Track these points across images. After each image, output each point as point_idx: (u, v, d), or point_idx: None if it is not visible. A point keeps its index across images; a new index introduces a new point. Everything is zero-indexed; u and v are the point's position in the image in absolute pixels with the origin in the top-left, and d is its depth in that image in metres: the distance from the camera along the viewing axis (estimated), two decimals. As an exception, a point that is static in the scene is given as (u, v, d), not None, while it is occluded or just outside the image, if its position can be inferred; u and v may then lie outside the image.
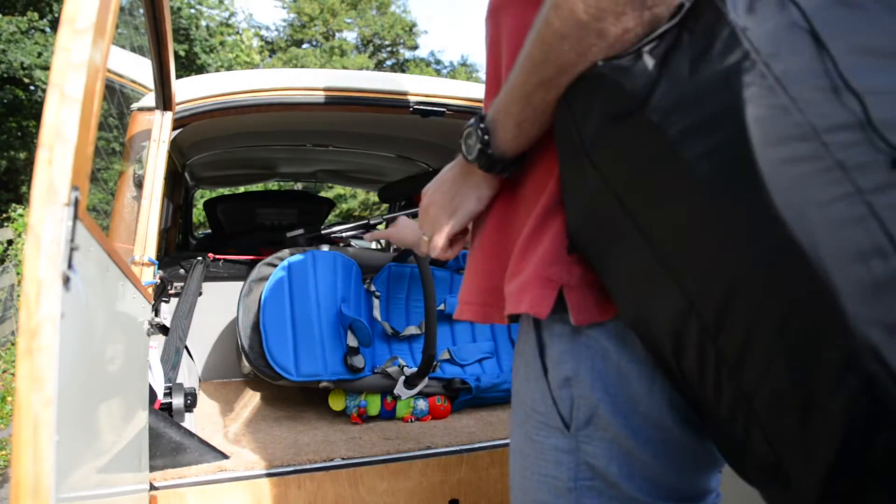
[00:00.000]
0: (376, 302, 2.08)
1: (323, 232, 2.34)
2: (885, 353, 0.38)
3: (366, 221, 2.42)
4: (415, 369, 1.83)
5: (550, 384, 0.66)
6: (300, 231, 2.30)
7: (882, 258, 0.39)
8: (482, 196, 0.72)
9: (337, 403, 1.86)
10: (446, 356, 2.01)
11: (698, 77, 0.47)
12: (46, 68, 10.42)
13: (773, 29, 0.44)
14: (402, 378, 1.81)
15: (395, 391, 1.82)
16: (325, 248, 2.07)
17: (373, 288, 2.09)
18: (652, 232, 0.52)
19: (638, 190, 0.53)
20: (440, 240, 0.76)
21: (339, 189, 13.62)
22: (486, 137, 0.66)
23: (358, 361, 1.81)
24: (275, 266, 1.93)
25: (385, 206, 4.34)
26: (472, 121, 0.68)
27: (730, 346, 0.47)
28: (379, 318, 2.03)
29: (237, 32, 18.12)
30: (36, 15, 10.98)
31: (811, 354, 0.42)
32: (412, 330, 2.07)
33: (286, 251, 2.00)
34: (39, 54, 10.71)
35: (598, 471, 0.64)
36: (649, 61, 0.51)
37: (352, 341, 1.85)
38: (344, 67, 20.77)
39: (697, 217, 0.48)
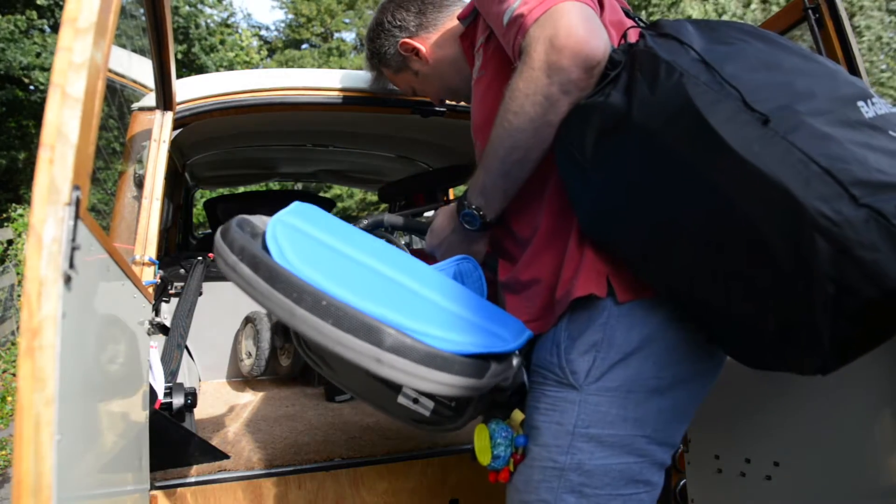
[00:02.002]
0: None
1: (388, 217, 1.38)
2: (825, 210, 0.65)
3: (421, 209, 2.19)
4: None
5: (570, 352, 0.88)
6: None
7: (805, 165, 0.67)
8: (486, 241, 1.08)
9: (484, 452, 1.00)
10: None
11: (657, 92, 0.76)
12: (46, 69, 10.39)
13: (687, 61, 0.75)
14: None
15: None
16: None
17: None
18: (653, 202, 0.78)
19: (637, 177, 0.79)
20: None
21: (336, 189, 13.61)
22: (480, 213, 0.99)
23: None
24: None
25: (384, 205, 4.34)
26: (465, 210, 0.99)
27: (731, 254, 0.72)
28: None
29: (236, 32, 18.10)
30: (35, 14, 10.95)
31: (785, 229, 0.67)
32: None
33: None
34: (38, 54, 10.68)
35: (596, 417, 0.86)
36: (617, 94, 0.79)
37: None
38: (342, 68, 20.77)
39: (685, 175, 0.74)
